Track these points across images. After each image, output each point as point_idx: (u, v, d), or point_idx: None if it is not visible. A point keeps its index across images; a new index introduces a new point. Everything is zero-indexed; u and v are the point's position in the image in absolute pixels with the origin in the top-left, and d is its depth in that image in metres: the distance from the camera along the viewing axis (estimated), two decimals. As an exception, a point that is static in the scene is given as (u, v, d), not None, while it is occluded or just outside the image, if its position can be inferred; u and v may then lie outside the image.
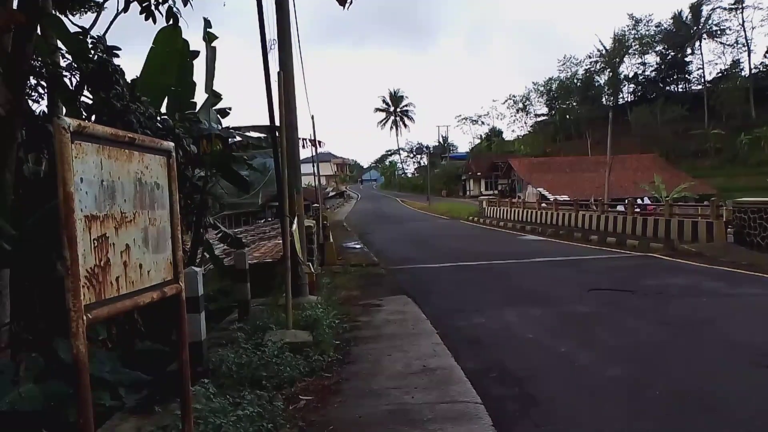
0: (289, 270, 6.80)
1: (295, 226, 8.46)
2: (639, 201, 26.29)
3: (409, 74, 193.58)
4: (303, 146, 11.05)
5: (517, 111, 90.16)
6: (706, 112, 63.12)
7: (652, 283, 10.48)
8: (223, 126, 9.08)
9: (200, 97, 8.45)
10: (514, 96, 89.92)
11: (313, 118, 26.55)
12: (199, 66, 8.12)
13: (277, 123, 7.16)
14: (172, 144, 2.75)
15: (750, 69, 67.95)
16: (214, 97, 8.96)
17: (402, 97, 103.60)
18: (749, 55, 68.50)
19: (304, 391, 4.95)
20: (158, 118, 6.76)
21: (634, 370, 5.37)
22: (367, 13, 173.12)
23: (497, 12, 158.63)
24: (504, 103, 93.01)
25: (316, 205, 24.59)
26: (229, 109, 9.93)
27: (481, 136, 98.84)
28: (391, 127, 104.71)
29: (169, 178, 2.63)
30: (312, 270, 9.16)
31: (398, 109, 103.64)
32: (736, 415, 4.22)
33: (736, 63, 70.17)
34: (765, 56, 68.52)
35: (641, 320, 7.52)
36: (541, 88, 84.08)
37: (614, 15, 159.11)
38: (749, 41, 68.24)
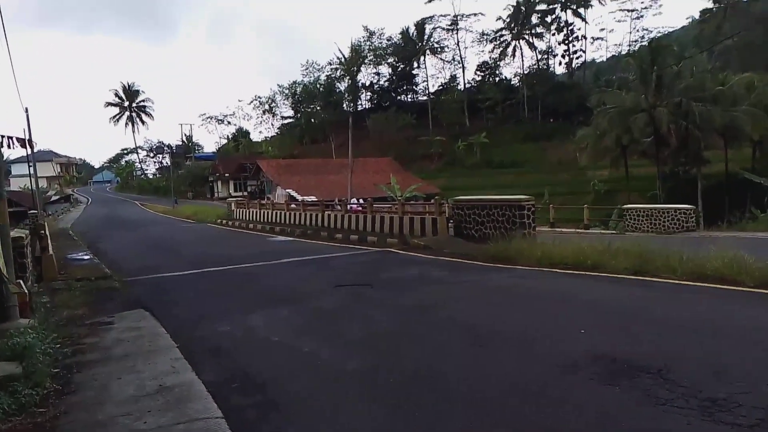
0: (-13, 292, 5.64)
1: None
2: (353, 201, 28.66)
3: (146, 68, 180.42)
4: (9, 146, 9.29)
5: (264, 112, 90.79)
6: (430, 120, 71.50)
7: (389, 276, 11.40)
8: None
9: None
10: (260, 97, 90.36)
11: (27, 111, 22.89)
12: None
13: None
14: None
15: (464, 84, 79.28)
16: None
17: (138, 91, 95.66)
18: (463, 72, 79.99)
19: (9, 435, 4.13)
20: None
21: (373, 360, 5.69)
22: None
23: (240, 9, 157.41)
24: (250, 104, 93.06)
25: (33, 211, 21.17)
26: None
27: (228, 136, 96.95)
28: (127, 124, 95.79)
29: None
30: (24, 289, 7.75)
31: (134, 104, 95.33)
32: (458, 390, 4.73)
33: (453, 78, 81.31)
34: (475, 73, 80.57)
35: (379, 311, 8.06)
36: (287, 91, 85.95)
37: (351, 25, 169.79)
38: (463, 59, 79.71)
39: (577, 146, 45.41)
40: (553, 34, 77.59)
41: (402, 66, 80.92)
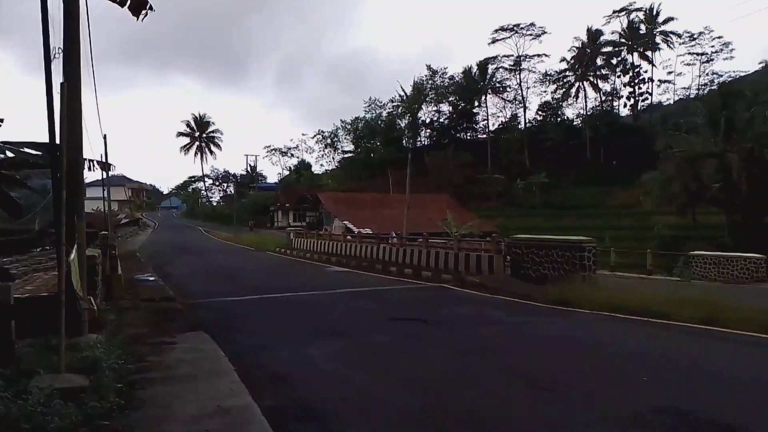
0: (63, 305, 5.97)
1: (73, 255, 7.50)
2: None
3: (216, 102, 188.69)
4: (90, 168, 9.96)
5: (326, 146, 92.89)
6: (489, 158, 71.27)
7: (444, 313, 11.31)
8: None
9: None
10: (323, 131, 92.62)
11: (105, 137, 24.36)
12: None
13: (58, 140, 6.35)
14: None
15: (525, 123, 78.89)
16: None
17: (208, 122, 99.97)
18: (525, 111, 79.68)
19: (76, 444, 4.31)
20: None
21: (426, 400, 5.62)
22: (172, 36, 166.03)
23: (307, 47, 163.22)
24: (313, 137, 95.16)
25: (104, 233, 22.28)
26: (0, 120, 8.61)
27: (290, 168, 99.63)
28: (196, 153, 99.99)
29: None
30: (94, 306, 8.17)
31: (204, 135, 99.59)
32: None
33: (514, 117, 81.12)
34: (537, 113, 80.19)
35: (433, 348, 8.01)
36: (349, 127, 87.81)
37: (414, 65, 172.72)
38: (525, 99, 79.49)
39: (642, 191, 44.06)
40: (619, 76, 76.50)
41: (462, 104, 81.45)
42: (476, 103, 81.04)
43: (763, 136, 33.75)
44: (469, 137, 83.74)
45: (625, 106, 78.25)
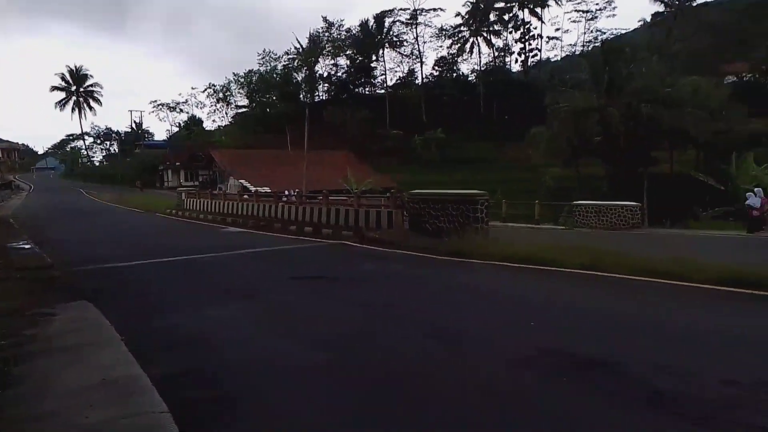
0: None
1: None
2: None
3: (95, 52, 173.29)
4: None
5: (218, 101, 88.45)
6: (388, 114, 71.50)
7: (345, 269, 11.35)
8: None
9: None
10: (214, 85, 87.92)
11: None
12: None
13: None
14: None
15: (422, 78, 79.63)
16: None
17: (86, 75, 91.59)
18: (422, 66, 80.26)
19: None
20: None
21: (332, 356, 5.57)
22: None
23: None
24: (204, 91, 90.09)
25: (-31, 198, 20.08)
26: None
27: (180, 124, 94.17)
28: (74, 109, 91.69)
29: None
30: (-44, 278, 7.32)
31: (82, 89, 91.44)
32: (418, 385, 4.73)
33: (411, 72, 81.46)
34: (433, 68, 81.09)
35: (338, 305, 8.00)
36: (242, 80, 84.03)
37: (309, 17, 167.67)
38: (422, 54, 79.91)
39: (529, 144, 46.28)
40: (510, 32, 78.95)
41: (361, 58, 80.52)
42: (374, 58, 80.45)
43: (640, 92, 36.33)
44: (368, 92, 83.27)
45: (516, 62, 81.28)
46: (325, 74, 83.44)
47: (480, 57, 78.48)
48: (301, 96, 79.45)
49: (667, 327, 6.27)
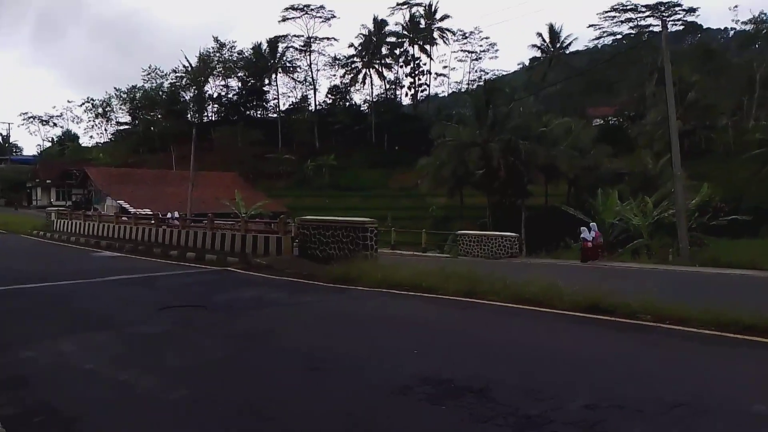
0: None
1: None
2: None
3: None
4: None
5: (97, 116, 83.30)
6: (280, 138, 70.87)
7: (225, 297, 10.89)
8: None
9: None
10: (93, 99, 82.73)
11: None
12: None
13: None
14: None
15: (315, 105, 79.97)
16: None
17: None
18: (315, 93, 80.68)
19: None
20: None
21: (197, 390, 5.27)
22: None
23: (72, 3, 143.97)
24: (81, 105, 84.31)
25: None
26: None
27: (52, 139, 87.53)
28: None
29: None
30: None
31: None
32: (287, 419, 4.55)
33: (305, 98, 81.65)
34: (327, 96, 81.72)
35: (209, 336, 7.61)
36: (124, 96, 79.79)
37: (198, 36, 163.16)
38: (315, 81, 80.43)
39: (418, 174, 47.87)
40: (401, 66, 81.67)
41: (252, 81, 79.47)
42: (267, 81, 79.73)
43: (518, 129, 38.98)
44: (259, 115, 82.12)
45: (406, 95, 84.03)
46: (215, 95, 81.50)
47: (372, 88, 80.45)
48: (189, 115, 76.75)
49: (536, 352, 6.60)
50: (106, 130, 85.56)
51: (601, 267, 17.70)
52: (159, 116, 77.70)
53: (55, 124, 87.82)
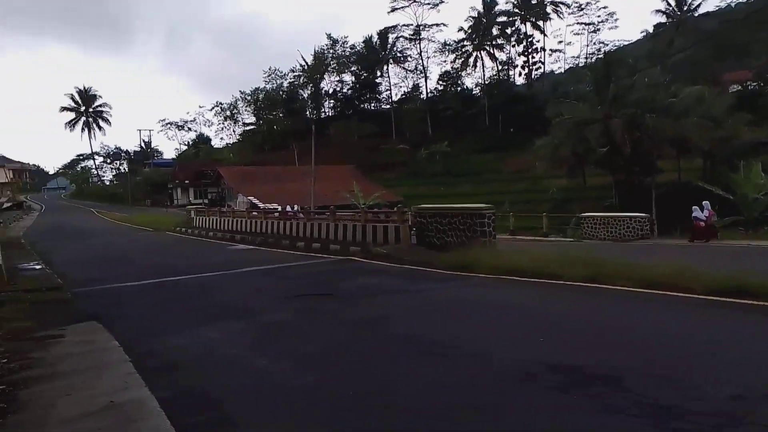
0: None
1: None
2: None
3: (101, 73, 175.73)
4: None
5: (225, 119, 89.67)
6: (393, 129, 71.83)
7: (348, 285, 11.34)
8: None
9: None
10: (221, 103, 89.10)
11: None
12: None
13: None
14: None
15: (427, 93, 80.00)
16: None
17: (95, 96, 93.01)
18: (426, 81, 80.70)
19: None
20: None
21: (327, 375, 5.58)
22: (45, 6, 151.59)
23: (194, 10, 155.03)
24: (212, 110, 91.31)
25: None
26: None
27: (188, 142, 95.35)
28: (83, 129, 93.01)
29: None
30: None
31: (91, 109, 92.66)
32: (411, 404, 4.70)
33: (416, 87, 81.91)
34: (438, 82, 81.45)
35: (336, 323, 8.00)
36: (249, 98, 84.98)
37: (311, 33, 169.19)
38: (426, 69, 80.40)
39: (535, 156, 46.31)
40: (513, 46, 79.20)
41: (365, 74, 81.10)
42: (378, 73, 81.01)
43: (643, 101, 36.32)
44: (372, 108, 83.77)
45: (520, 74, 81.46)
46: (331, 90, 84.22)
47: (483, 71, 78.82)
48: (307, 112, 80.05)
49: (669, 339, 6.23)
50: (234, 131, 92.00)
51: (724, 246, 16.27)
52: (280, 115, 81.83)
53: (189, 129, 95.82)
